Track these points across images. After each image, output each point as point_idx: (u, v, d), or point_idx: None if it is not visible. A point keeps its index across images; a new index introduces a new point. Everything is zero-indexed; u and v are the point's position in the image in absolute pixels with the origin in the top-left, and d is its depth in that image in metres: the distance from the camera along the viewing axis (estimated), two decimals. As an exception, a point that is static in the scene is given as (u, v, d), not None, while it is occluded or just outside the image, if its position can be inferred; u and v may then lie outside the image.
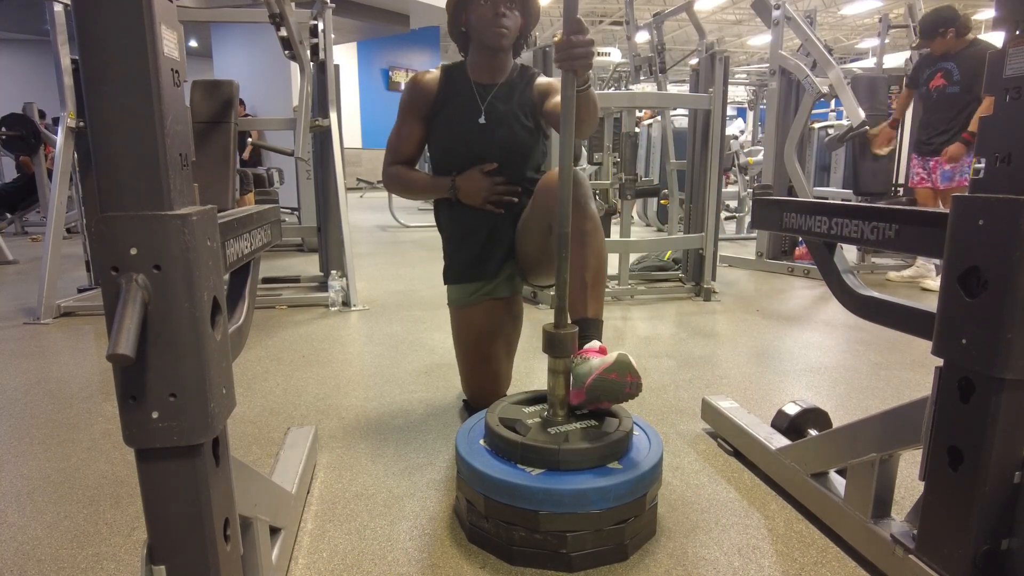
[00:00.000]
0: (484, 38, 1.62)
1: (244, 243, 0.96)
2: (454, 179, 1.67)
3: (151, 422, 0.71)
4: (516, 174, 1.69)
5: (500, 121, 1.66)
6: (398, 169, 1.74)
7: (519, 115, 1.67)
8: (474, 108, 1.67)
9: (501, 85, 1.68)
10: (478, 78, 1.69)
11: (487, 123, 1.66)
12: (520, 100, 1.68)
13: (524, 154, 1.69)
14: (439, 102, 1.69)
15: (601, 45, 7.72)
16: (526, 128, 1.68)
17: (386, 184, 1.78)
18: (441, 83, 1.70)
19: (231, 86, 3.22)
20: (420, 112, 1.71)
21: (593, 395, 1.24)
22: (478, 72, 1.69)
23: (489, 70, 1.69)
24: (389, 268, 4.40)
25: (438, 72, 1.72)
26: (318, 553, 1.20)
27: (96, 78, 0.66)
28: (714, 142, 3.32)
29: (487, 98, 1.67)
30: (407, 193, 1.79)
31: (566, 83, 1.22)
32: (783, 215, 1.34)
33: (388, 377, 2.18)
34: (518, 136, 1.67)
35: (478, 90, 1.68)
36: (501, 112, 1.66)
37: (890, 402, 1.81)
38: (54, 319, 2.97)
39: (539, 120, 1.70)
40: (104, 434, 1.72)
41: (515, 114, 1.67)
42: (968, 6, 14.21)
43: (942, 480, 0.95)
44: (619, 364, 1.20)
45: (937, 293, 0.93)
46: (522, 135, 1.68)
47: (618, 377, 1.21)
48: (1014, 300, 0.82)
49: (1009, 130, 0.86)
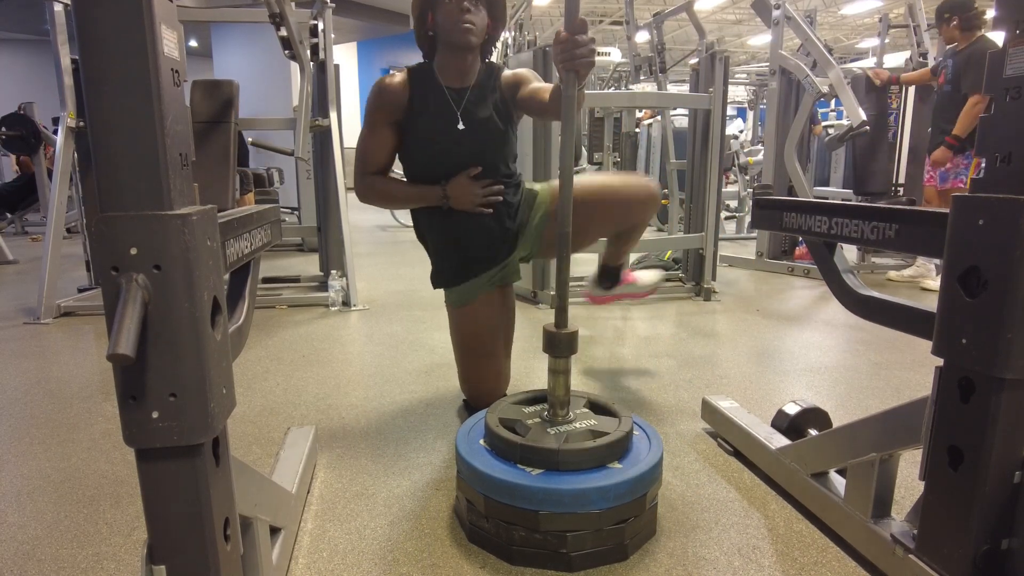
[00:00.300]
0: (451, 37, 1.59)
1: (244, 243, 0.96)
2: (444, 188, 1.65)
3: (151, 422, 0.71)
4: (496, 172, 1.70)
5: (478, 125, 1.65)
6: (374, 180, 1.69)
7: (495, 116, 1.67)
8: (450, 114, 1.65)
9: (473, 87, 1.67)
10: (449, 82, 1.66)
11: (465, 128, 1.64)
12: (493, 100, 1.68)
13: (501, 152, 1.70)
14: (411, 108, 1.65)
15: (601, 45, 7.72)
16: (501, 127, 1.68)
17: (361, 196, 1.71)
18: (411, 87, 1.65)
19: (231, 86, 3.22)
20: (390, 118, 1.65)
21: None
22: (447, 75, 1.66)
23: (458, 72, 1.66)
24: (389, 268, 4.40)
25: (404, 76, 1.66)
26: (318, 553, 1.20)
27: (96, 78, 0.66)
28: (714, 142, 3.32)
29: (462, 103, 1.65)
30: (388, 204, 1.77)
31: (567, 83, 1.22)
32: (783, 215, 1.34)
33: (388, 377, 2.18)
34: (496, 137, 1.68)
35: (451, 95, 1.65)
36: (477, 115, 1.66)
37: (890, 402, 1.80)
38: (54, 319, 2.97)
39: (511, 114, 1.70)
40: (104, 434, 1.72)
41: (491, 116, 1.67)
42: (968, 6, 14.23)
43: (942, 480, 0.95)
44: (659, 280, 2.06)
45: (937, 293, 0.93)
46: (499, 135, 1.68)
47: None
48: (1014, 300, 0.82)
49: (1009, 130, 0.86)
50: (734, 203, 6.53)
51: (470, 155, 1.66)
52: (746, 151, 6.00)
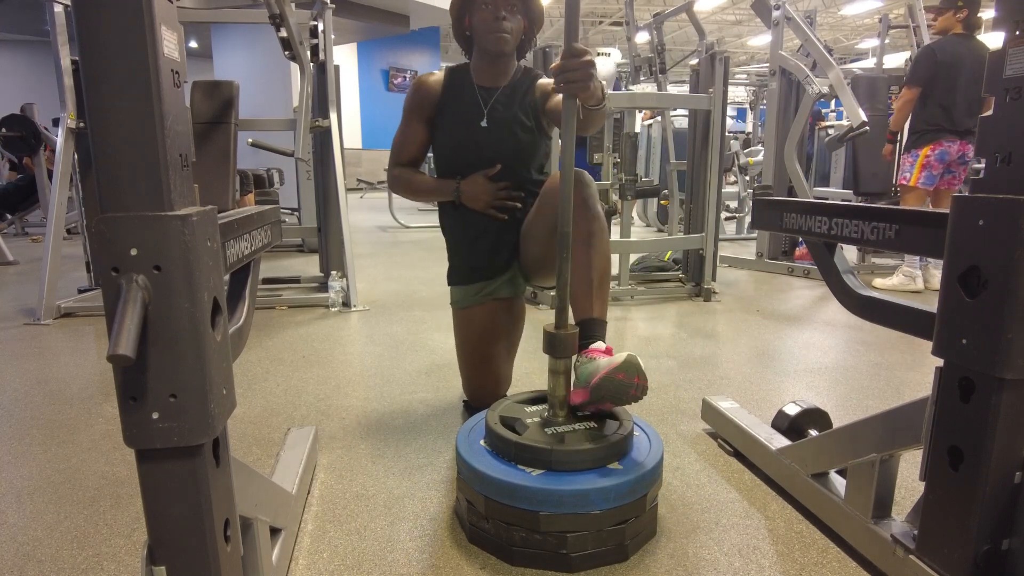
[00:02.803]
0: (485, 44, 1.63)
1: (244, 244, 0.96)
2: (458, 183, 1.68)
3: (151, 423, 0.71)
4: (518, 176, 1.69)
5: (502, 124, 1.66)
6: (402, 171, 1.76)
7: (521, 118, 1.67)
8: (476, 111, 1.67)
9: (504, 88, 1.69)
10: (481, 81, 1.69)
11: (489, 126, 1.66)
12: (522, 102, 1.68)
13: (526, 156, 1.70)
14: (442, 105, 1.70)
15: (601, 45, 7.73)
16: (528, 130, 1.68)
17: (391, 186, 1.79)
18: (445, 85, 1.70)
19: (231, 87, 3.22)
20: (424, 114, 1.71)
21: (598, 395, 1.22)
22: (481, 75, 1.70)
23: (492, 73, 1.69)
24: (389, 269, 4.40)
25: (442, 74, 1.72)
26: (318, 554, 1.20)
27: (96, 79, 0.66)
28: (714, 142, 3.32)
29: (490, 101, 1.67)
30: (411, 195, 1.80)
31: (566, 106, 1.23)
32: (783, 215, 1.34)
33: (388, 377, 2.18)
34: (520, 139, 1.67)
35: (481, 93, 1.68)
36: (503, 115, 1.66)
37: (890, 402, 1.80)
38: (54, 320, 2.97)
39: (541, 121, 1.70)
40: (104, 435, 1.72)
41: (517, 117, 1.67)
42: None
43: (943, 480, 0.95)
44: (628, 364, 1.19)
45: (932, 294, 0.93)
46: (524, 138, 1.68)
47: (626, 378, 1.19)
48: (1014, 300, 0.82)
49: (1009, 130, 0.86)
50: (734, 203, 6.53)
51: (491, 154, 1.66)
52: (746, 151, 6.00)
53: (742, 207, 6.22)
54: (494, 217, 1.68)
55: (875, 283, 3.89)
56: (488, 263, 1.71)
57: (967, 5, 3.38)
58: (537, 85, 1.70)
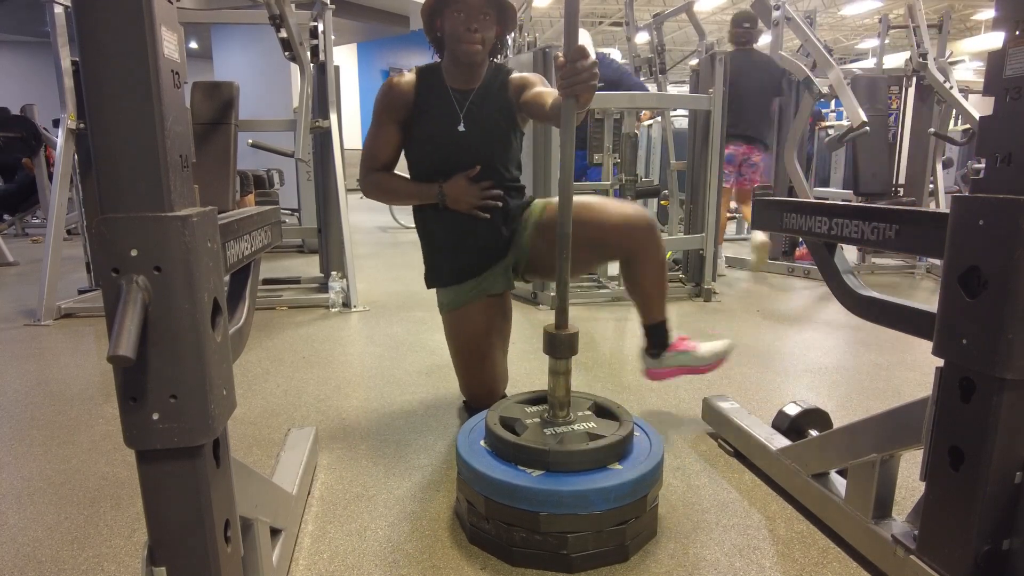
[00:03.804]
0: (456, 53, 1.62)
1: (244, 244, 0.96)
2: (441, 186, 1.67)
3: (151, 423, 0.71)
4: (497, 175, 1.70)
5: (479, 127, 1.66)
6: (379, 176, 1.73)
7: (497, 119, 1.67)
8: (452, 115, 1.66)
9: (477, 90, 1.68)
10: (454, 83, 1.68)
11: (466, 130, 1.65)
12: (497, 103, 1.68)
13: (503, 156, 1.70)
14: (416, 108, 1.68)
15: (601, 46, 7.71)
16: (503, 130, 1.68)
17: (366, 191, 1.75)
18: (418, 88, 1.68)
19: (231, 87, 3.22)
20: (397, 116, 1.69)
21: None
22: (454, 78, 1.68)
23: (464, 77, 1.68)
24: (389, 269, 4.40)
25: (413, 76, 1.70)
26: (319, 554, 1.20)
27: (96, 80, 0.66)
28: (714, 142, 3.32)
29: (465, 104, 1.66)
30: (390, 199, 1.80)
31: (567, 107, 1.23)
32: (783, 215, 1.34)
33: (388, 378, 2.18)
34: (497, 140, 1.68)
35: (455, 96, 1.67)
36: (479, 118, 1.66)
37: (891, 402, 1.80)
38: (54, 320, 2.97)
39: (516, 118, 1.70)
40: (104, 435, 1.72)
41: (493, 118, 1.67)
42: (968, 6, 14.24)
43: (943, 480, 0.95)
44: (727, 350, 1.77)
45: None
46: (500, 139, 1.69)
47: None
48: (1014, 300, 0.82)
49: (1009, 130, 0.86)
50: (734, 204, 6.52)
51: (471, 157, 1.66)
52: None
53: (742, 207, 6.21)
54: (478, 216, 1.68)
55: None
56: (478, 259, 1.71)
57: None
58: (510, 81, 1.70)
